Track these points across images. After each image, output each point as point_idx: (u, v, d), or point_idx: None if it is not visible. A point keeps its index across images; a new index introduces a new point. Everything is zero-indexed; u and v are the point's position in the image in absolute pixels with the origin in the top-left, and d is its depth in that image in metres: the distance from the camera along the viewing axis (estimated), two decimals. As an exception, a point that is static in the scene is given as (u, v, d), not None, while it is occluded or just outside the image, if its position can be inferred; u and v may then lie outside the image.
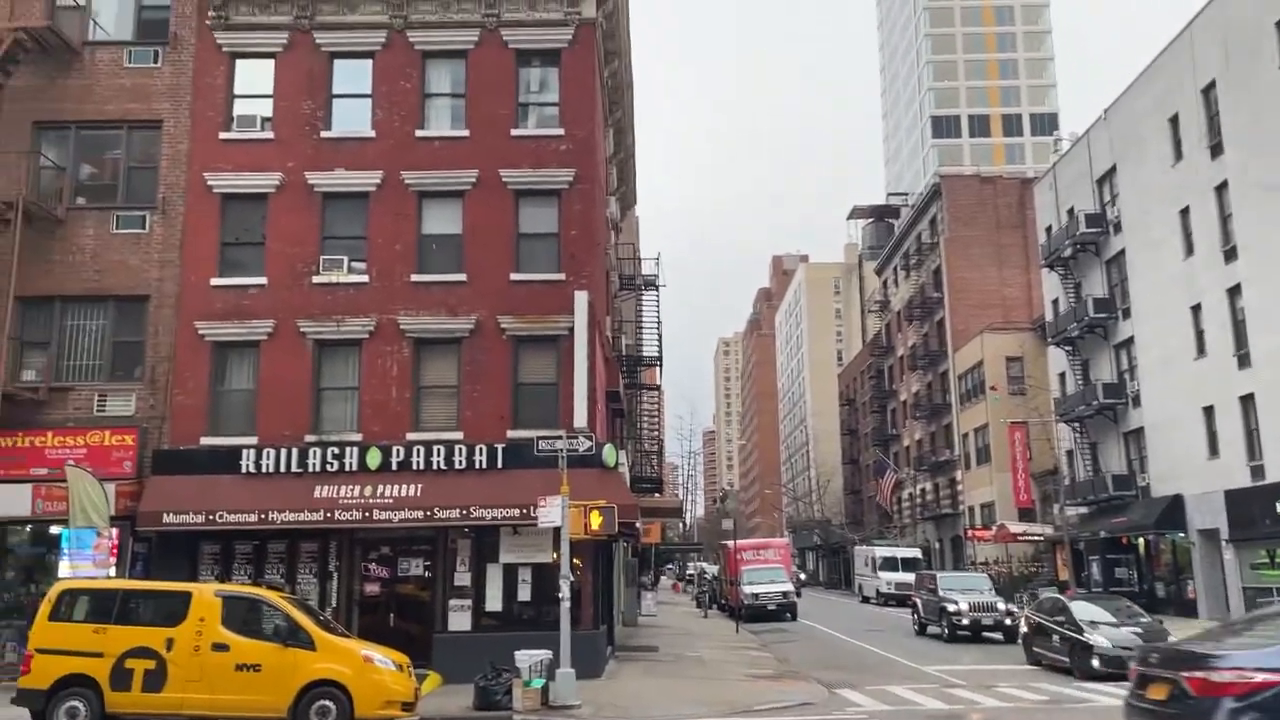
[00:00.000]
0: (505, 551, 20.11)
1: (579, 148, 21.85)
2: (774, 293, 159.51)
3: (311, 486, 19.68)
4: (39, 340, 20.80)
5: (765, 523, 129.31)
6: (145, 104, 21.70)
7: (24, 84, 21.45)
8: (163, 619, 13.98)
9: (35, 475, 19.59)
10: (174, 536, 19.52)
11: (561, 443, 17.52)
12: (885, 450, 73.41)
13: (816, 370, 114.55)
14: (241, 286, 21.05)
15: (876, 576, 49.97)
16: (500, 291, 21.16)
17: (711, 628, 34.72)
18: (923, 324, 64.85)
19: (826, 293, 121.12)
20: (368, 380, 20.81)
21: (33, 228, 20.64)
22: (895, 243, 73.51)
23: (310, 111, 21.84)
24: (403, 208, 21.47)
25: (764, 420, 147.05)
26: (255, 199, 21.46)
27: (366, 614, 19.95)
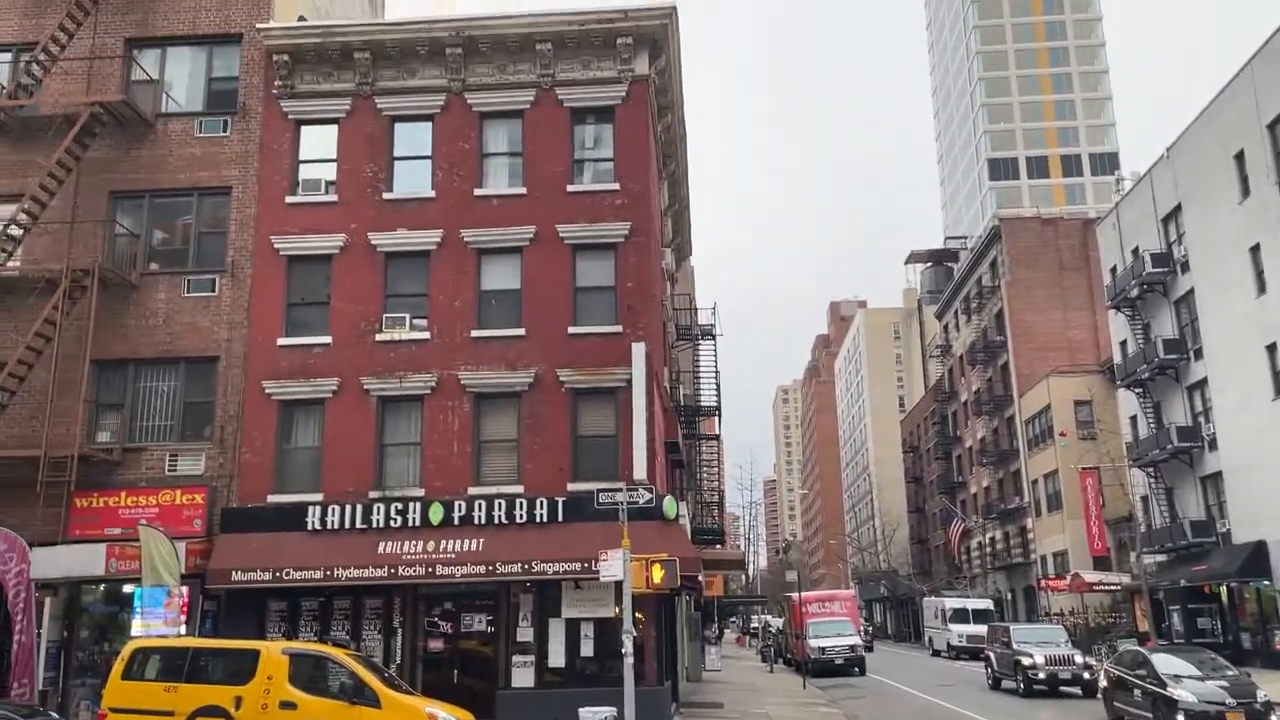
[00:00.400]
0: (567, 606, 20.00)
1: (634, 201, 22.07)
2: (832, 339, 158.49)
3: (375, 542, 19.84)
4: (113, 402, 21.40)
5: (830, 574, 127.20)
6: (215, 171, 22.45)
7: (101, 155, 22.33)
8: (231, 677, 14.13)
9: (109, 535, 20.04)
10: (242, 594, 19.77)
11: (622, 495, 17.44)
12: (951, 498, 71.94)
13: (878, 417, 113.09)
14: (307, 346, 21.49)
15: (947, 629, 48.71)
16: (558, 345, 21.31)
17: (777, 683, 34.05)
18: (986, 368, 63.81)
19: (886, 338, 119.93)
20: (429, 435, 21.02)
21: (108, 293, 21.36)
22: (955, 286, 72.69)
23: (372, 174, 22.40)
24: (462, 265, 21.82)
25: (826, 468, 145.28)
26: (320, 260, 21.99)
27: (430, 670, 19.94)
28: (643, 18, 22.37)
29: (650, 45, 22.74)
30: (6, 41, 23.30)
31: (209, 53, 23.27)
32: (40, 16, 23.16)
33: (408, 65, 22.75)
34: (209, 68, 23.24)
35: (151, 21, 23.20)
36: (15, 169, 22.27)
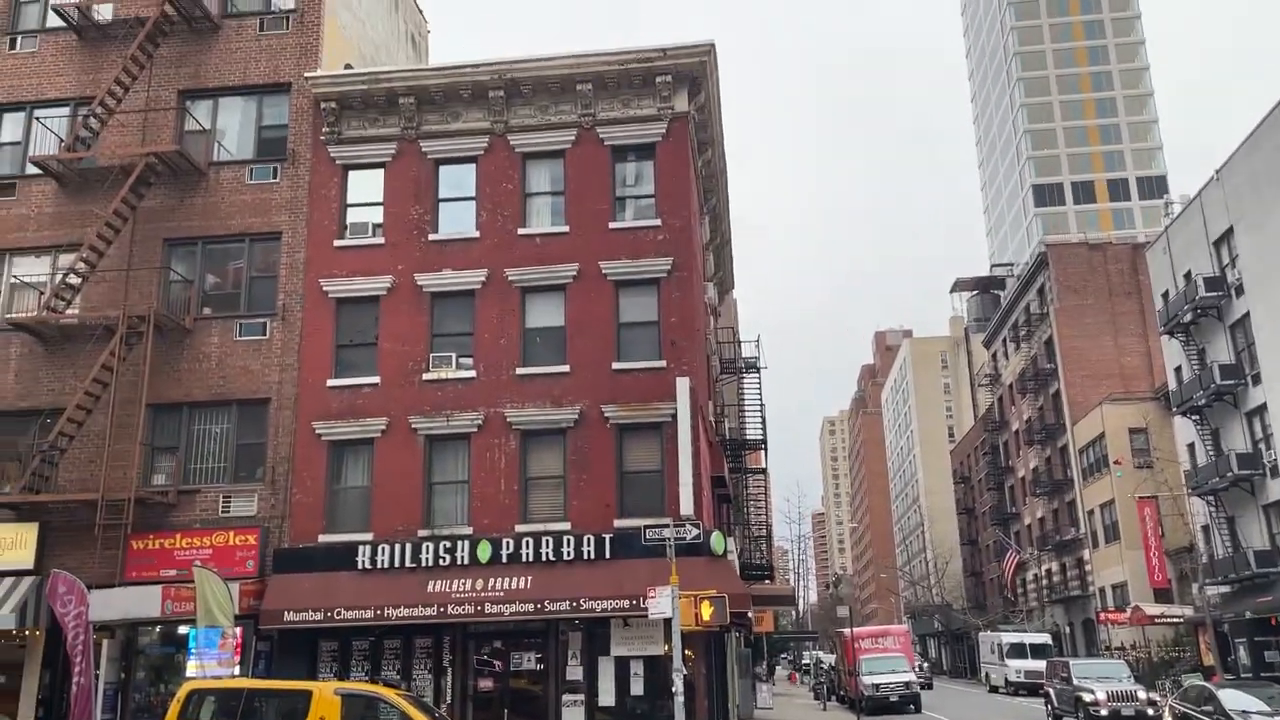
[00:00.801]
0: (616, 644, 19.88)
1: (676, 237, 22.16)
2: (878, 369, 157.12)
3: (425, 581, 19.91)
4: (169, 445, 21.80)
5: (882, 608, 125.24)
6: (265, 217, 22.94)
7: (156, 204, 22.94)
8: (285, 718, 14.19)
9: (165, 577, 20.33)
10: (294, 634, 19.93)
11: (669, 531, 17.38)
12: (1005, 529, 70.63)
13: (928, 448, 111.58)
14: (356, 386, 21.76)
15: (1004, 664, 47.64)
16: (603, 381, 21.37)
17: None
18: (1037, 397, 62.81)
19: (933, 368, 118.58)
20: (477, 473, 21.12)
21: (163, 338, 21.84)
22: (1002, 314, 71.82)
23: (418, 216, 22.74)
24: (507, 303, 22.02)
25: (875, 501, 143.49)
26: (368, 301, 22.32)
27: (480, 710, 19.89)
28: (681, 56, 22.58)
29: (689, 82, 22.93)
30: (65, 96, 24.10)
31: (259, 102, 23.88)
32: (97, 72, 23.94)
33: (451, 109, 23.15)
34: (259, 116, 23.84)
35: (204, 73, 23.88)
36: (74, 219, 22.95)
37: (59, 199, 23.26)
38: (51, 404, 21.62)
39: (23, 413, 22.00)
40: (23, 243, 23.16)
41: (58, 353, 22.20)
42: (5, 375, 22.28)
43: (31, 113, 24.18)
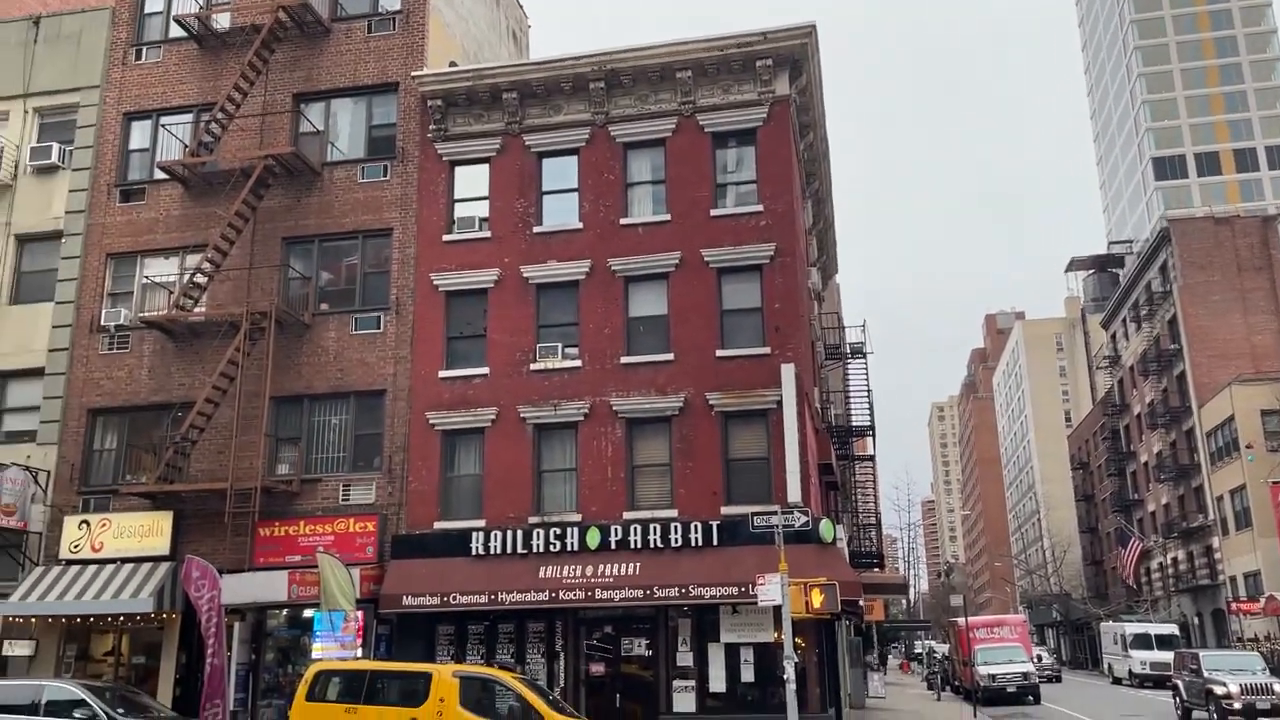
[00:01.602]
0: (726, 630, 19.92)
1: (778, 222, 21.98)
2: (989, 353, 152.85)
3: (536, 567, 20.28)
4: (291, 436, 22.68)
5: (996, 598, 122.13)
6: (377, 214, 23.62)
7: (274, 204, 23.85)
8: (406, 699, 14.67)
9: (290, 562, 21.19)
10: (412, 617, 20.55)
11: (777, 518, 17.29)
12: (1127, 517, 68.01)
13: (1043, 433, 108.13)
14: (466, 377, 22.26)
15: (1128, 656, 45.95)
16: (707, 369, 21.36)
17: (945, 712, 32.85)
18: (1160, 379, 60.21)
19: (1048, 351, 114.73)
20: (584, 461, 21.38)
21: (284, 333, 22.72)
22: (1122, 294, 69.02)
23: (523, 209, 23.10)
24: (610, 293, 22.19)
25: (987, 488, 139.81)
26: (476, 294, 22.79)
27: (593, 694, 20.17)
28: (782, 39, 22.34)
29: (790, 65, 22.68)
30: (188, 103, 25.23)
31: (368, 102, 24.58)
32: (217, 79, 24.99)
33: (553, 102, 23.41)
34: (369, 116, 24.54)
35: (316, 76, 24.69)
36: (199, 221, 24.04)
37: (185, 202, 24.39)
38: (182, 398, 22.73)
39: (156, 406, 23.19)
40: (153, 245, 24.37)
41: (186, 349, 23.32)
42: (139, 371, 23.51)
43: (158, 120, 25.40)
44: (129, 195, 24.91)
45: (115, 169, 25.15)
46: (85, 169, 25.21)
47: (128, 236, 24.52)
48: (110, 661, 22.26)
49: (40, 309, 24.54)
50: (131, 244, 24.46)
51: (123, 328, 23.80)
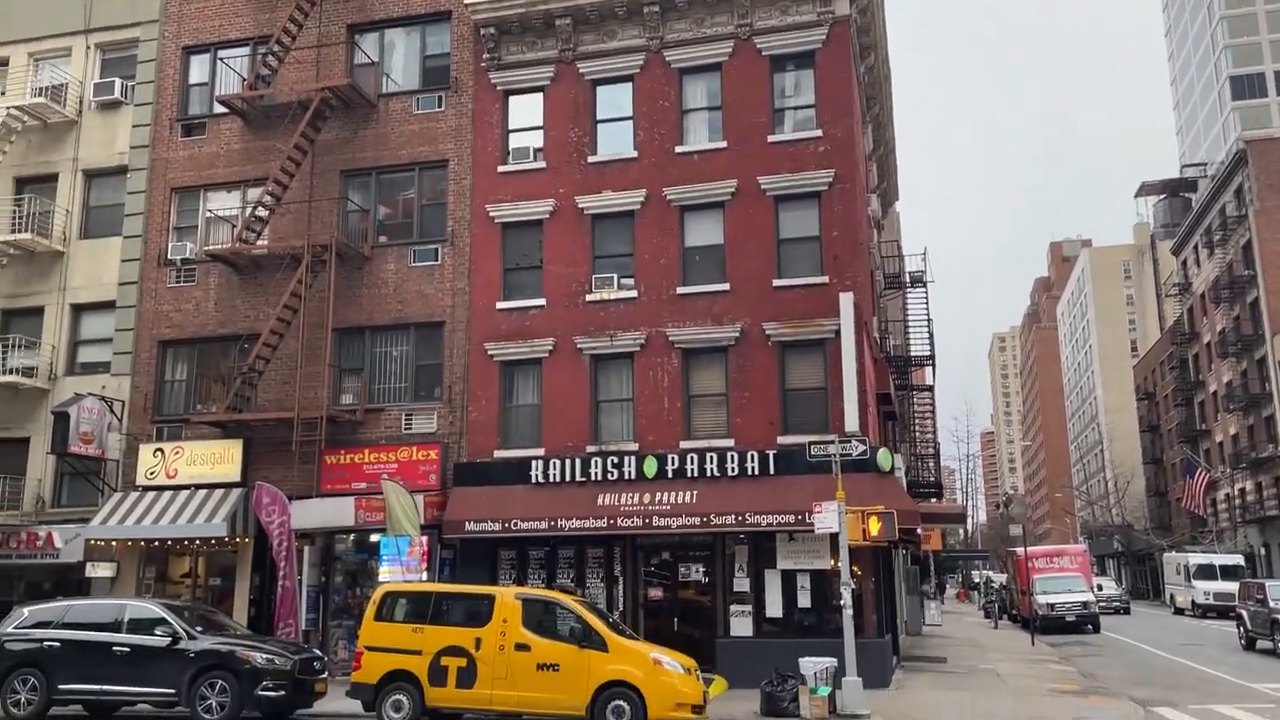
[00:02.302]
0: (782, 558, 20.08)
1: (837, 148, 21.56)
2: (1053, 282, 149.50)
3: (594, 495, 20.57)
4: (353, 367, 23.11)
5: (1056, 528, 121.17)
6: (432, 146, 23.63)
7: (331, 137, 23.97)
8: (470, 620, 15.07)
9: (356, 489, 21.76)
10: (475, 543, 21.04)
11: (834, 447, 17.27)
12: (1194, 447, 66.76)
13: (1107, 363, 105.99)
14: (523, 308, 22.40)
15: (1190, 586, 45.48)
16: (763, 298, 21.22)
17: (1003, 639, 32.95)
18: (1232, 306, 58.48)
19: (1115, 279, 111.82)
20: (640, 392, 21.49)
21: (344, 266, 23.01)
22: (1194, 219, 66.83)
23: (577, 138, 22.92)
24: (666, 223, 22.05)
25: (1049, 419, 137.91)
26: (532, 225, 22.79)
27: (651, 617, 20.57)
28: (841, -44, 21.64)
29: (850, -16, 21.99)
30: (245, 36, 25.33)
31: (422, 32, 24.43)
32: (272, 11, 25.00)
33: (607, 27, 23.05)
34: (423, 47, 24.42)
35: (369, 6, 24.57)
36: (259, 155, 24.28)
37: (244, 136, 24.63)
38: (248, 330, 23.23)
39: (223, 338, 23.74)
40: (215, 179, 24.71)
41: (250, 282, 23.76)
42: (206, 304, 24.05)
43: (215, 54, 25.57)
44: (190, 130, 25.22)
45: (176, 104, 25.44)
46: (147, 104, 25.55)
47: (190, 171, 24.88)
48: (188, 583, 23.20)
49: (109, 243, 25.14)
50: (194, 178, 24.83)
51: (189, 261, 24.30)
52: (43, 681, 16.03)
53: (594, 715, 14.11)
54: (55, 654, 16.17)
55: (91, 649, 16.10)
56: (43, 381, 24.56)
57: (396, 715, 14.82)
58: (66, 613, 16.79)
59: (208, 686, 15.42)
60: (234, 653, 15.71)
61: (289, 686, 15.62)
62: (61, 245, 25.42)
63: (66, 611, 16.83)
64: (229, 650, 15.77)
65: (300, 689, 15.90)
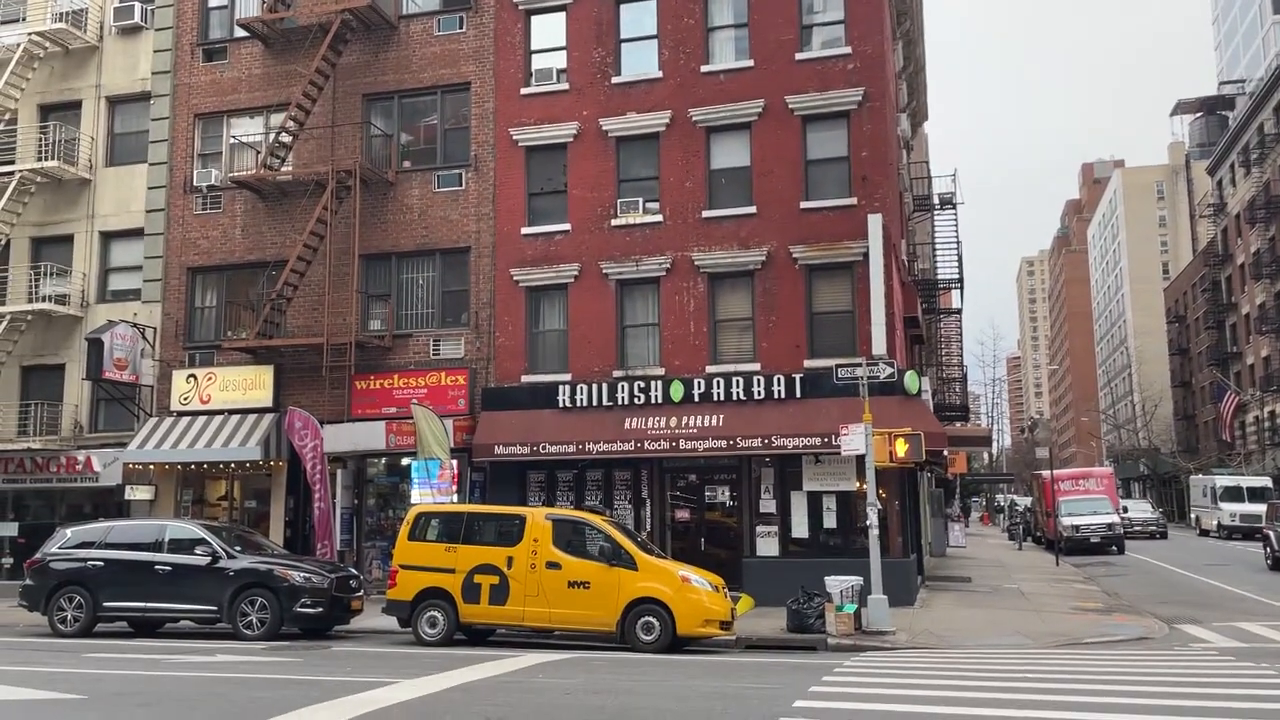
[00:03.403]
0: (808, 480, 20.24)
1: (866, 65, 21.10)
2: (1084, 204, 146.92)
3: (621, 419, 20.72)
4: (380, 293, 23.20)
5: (1081, 452, 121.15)
6: (454, 68, 23.33)
7: (353, 61, 23.72)
8: (502, 539, 15.37)
9: (386, 414, 22.01)
10: (504, 466, 21.31)
11: (861, 370, 17.24)
12: (1224, 370, 66.13)
13: (1138, 286, 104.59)
14: (548, 234, 22.31)
15: (1217, 508, 45.50)
16: (790, 221, 21.02)
17: (1027, 560, 33.22)
18: (1268, 226, 57.34)
19: (1148, 200, 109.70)
20: (666, 316, 21.48)
21: (369, 192, 22.96)
22: (1231, 137, 65.20)
23: (600, 59, 22.55)
24: (691, 145, 21.77)
25: (1077, 343, 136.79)
26: (555, 149, 22.58)
27: (678, 538, 20.86)
28: None
29: (881, -107, 21.28)
30: (264, -40, 24.91)
31: (442, -50, 23.93)
32: (290, -68, 24.54)
33: (630, -57, 22.48)
34: (442, -35, 23.94)
35: (388, -74, 24.06)
36: (280, 79, 24.08)
37: (266, 60, 24.40)
38: (275, 256, 23.30)
39: (251, 265, 23.86)
40: (237, 105, 24.56)
41: (276, 208, 23.77)
42: (233, 231, 24.12)
43: (234, -23, 25.20)
44: (211, 55, 25.01)
45: (196, 28, 25.20)
46: (168, 28, 25.31)
47: (213, 96, 24.74)
48: (224, 505, 23.71)
49: (135, 170, 25.18)
50: (217, 104, 24.70)
51: (214, 188, 24.32)
52: (88, 599, 16.54)
53: (624, 630, 14.42)
54: (99, 573, 16.66)
55: (134, 568, 16.57)
56: (75, 309, 24.86)
57: (432, 630, 15.22)
58: (108, 533, 17.24)
59: (248, 603, 15.87)
60: (272, 571, 16.11)
61: (326, 603, 16.04)
62: (88, 173, 25.48)
63: (108, 532, 17.29)
64: (268, 569, 16.17)
65: (337, 606, 16.32)
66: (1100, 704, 9.28)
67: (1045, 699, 9.63)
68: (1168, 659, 13.05)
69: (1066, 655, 13.63)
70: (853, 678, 11.33)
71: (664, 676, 11.69)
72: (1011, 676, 11.32)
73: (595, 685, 10.98)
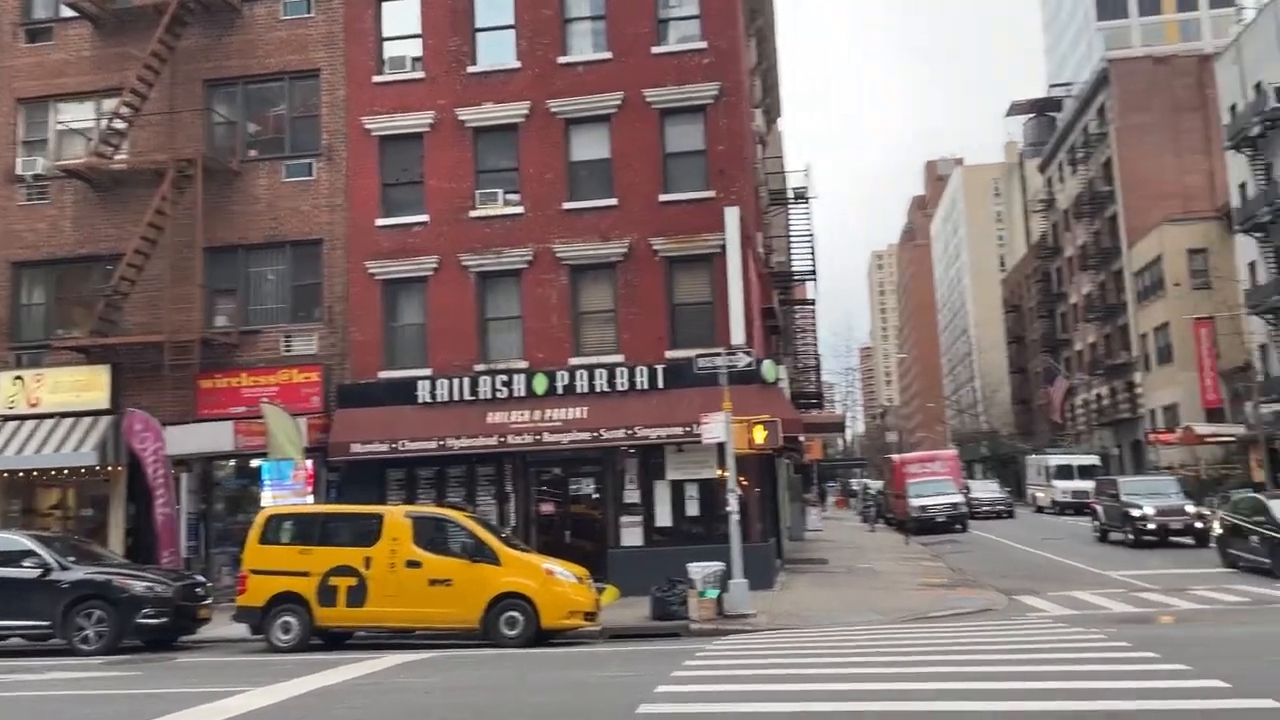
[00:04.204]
0: (671, 469, 20.47)
1: (721, 60, 21.45)
2: (928, 200, 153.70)
3: (484, 413, 20.47)
4: (227, 287, 22.22)
5: (928, 437, 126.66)
6: (302, 54, 22.53)
7: (193, 44, 22.59)
8: (360, 539, 14.94)
9: (234, 414, 21.10)
10: (362, 465, 20.74)
11: (721, 359, 17.53)
12: (1055, 356, 70.37)
13: (978, 278, 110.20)
14: (405, 225, 21.82)
15: (1051, 486, 48.36)
16: (650, 213, 21.19)
17: (880, 541, 34.55)
18: (1093, 220, 61.28)
19: (985, 196, 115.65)
20: (529, 309, 21.34)
21: (212, 181, 21.93)
22: (1059, 137, 69.37)
23: (456, 48, 22.18)
24: (551, 137, 21.67)
25: (923, 333, 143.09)
26: (411, 139, 22.09)
27: (543, 532, 20.77)
28: None
29: (733, -109, 21.64)
30: (92, -65, 23.44)
31: (286, -69, 23.05)
32: (121, -94, 23.18)
33: (484, -70, 22.17)
34: (288, -53, 23.06)
35: (228, -97, 23.02)
36: (113, 63, 22.72)
37: (96, 42, 22.99)
38: (110, 250, 21.99)
39: (84, 259, 22.48)
40: (65, 89, 23.07)
41: (111, 199, 22.44)
42: (62, 222, 22.64)
43: (59, -48, 23.64)
44: (35, 35, 23.42)
45: (18, 6, 23.54)
46: (-17, 6, 23.54)
47: (37, 80, 23.15)
48: (58, 515, 22.29)
49: (-51, 159, 23.32)
50: (42, 88, 23.13)
51: (40, 177, 22.78)
52: (-97, 620, 15.24)
53: (488, 627, 14.26)
54: (-85, 591, 15.36)
55: (-45, 584, 15.35)
56: (-118, 308, 22.88)
57: (285, 636, 14.69)
58: (-75, 549, 15.91)
59: (84, 616, 14.93)
60: (111, 581, 15.23)
61: (171, 613, 15.27)
62: (-106, 160, 23.46)
63: (-75, 547, 15.95)
64: (105, 579, 15.28)
65: (183, 616, 15.56)
66: (945, 673, 9.72)
67: (893, 671, 10.03)
68: (1007, 628, 13.78)
69: (915, 629, 14.23)
70: (714, 660, 11.53)
71: (527, 671, 11.62)
72: (863, 651, 11.75)
73: (457, 683, 10.82)
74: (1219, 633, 12.72)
